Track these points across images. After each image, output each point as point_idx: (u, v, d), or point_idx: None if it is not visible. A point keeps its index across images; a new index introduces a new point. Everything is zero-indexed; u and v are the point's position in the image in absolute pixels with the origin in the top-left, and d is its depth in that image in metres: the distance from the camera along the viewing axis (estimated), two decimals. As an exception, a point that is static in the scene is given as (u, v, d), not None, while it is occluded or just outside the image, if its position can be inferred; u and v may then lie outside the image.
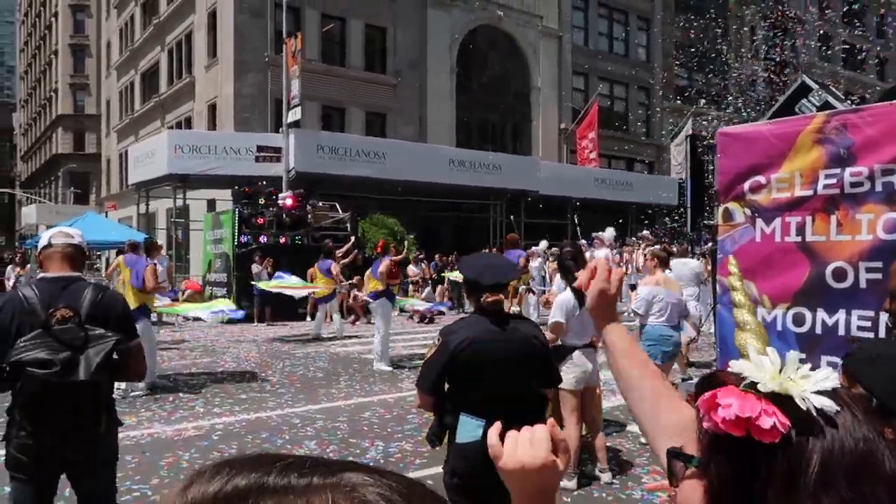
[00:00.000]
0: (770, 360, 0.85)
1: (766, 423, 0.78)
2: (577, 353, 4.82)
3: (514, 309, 11.56)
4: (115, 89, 38.76)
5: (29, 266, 15.62)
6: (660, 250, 6.72)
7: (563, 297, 4.89)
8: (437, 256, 19.64)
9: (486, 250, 16.60)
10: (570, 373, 4.73)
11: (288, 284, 12.69)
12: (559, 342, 4.79)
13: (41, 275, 2.86)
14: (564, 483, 4.72)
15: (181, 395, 7.76)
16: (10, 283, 14.32)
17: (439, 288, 18.13)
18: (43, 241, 2.90)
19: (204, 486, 0.48)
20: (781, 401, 0.80)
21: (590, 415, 4.99)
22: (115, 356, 2.72)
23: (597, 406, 5.15)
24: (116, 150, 37.48)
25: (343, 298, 14.72)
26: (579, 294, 4.63)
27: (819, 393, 0.81)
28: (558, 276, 8.48)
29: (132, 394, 7.50)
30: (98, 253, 24.53)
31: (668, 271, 6.62)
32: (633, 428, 5.94)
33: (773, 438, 0.78)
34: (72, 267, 2.86)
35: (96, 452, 2.77)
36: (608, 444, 5.41)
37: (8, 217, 70.07)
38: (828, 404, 0.79)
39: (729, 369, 0.88)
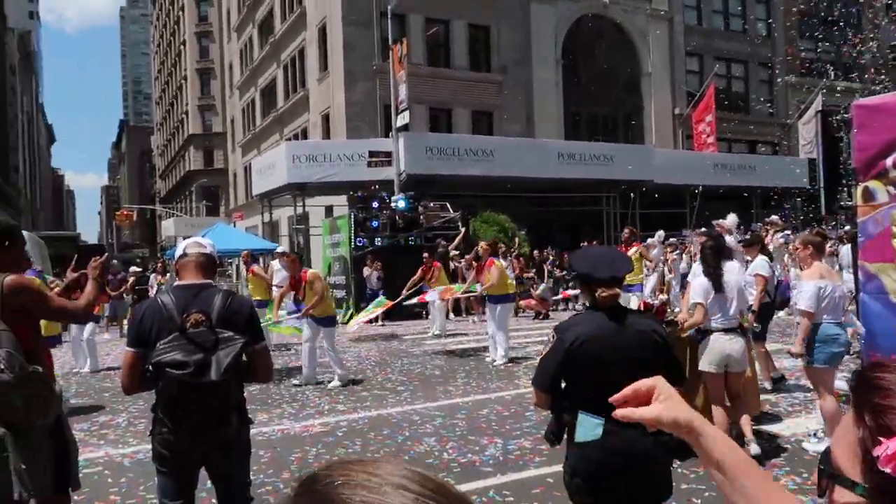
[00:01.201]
0: None
1: None
2: (713, 336, 5.01)
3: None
4: (237, 107, 41.33)
5: (168, 275, 16.93)
6: (813, 235, 5.87)
7: (699, 279, 5.15)
8: (536, 252, 19.23)
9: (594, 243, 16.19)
10: (709, 355, 5.00)
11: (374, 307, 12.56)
12: (701, 325, 5.03)
13: (177, 282, 3.07)
14: None
15: (307, 392, 8.13)
16: (153, 291, 15.60)
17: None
18: (178, 251, 3.12)
19: None
20: None
21: (735, 397, 5.16)
22: (243, 358, 2.87)
23: (745, 388, 5.30)
24: (241, 163, 39.94)
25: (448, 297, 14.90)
26: (715, 279, 5.05)
27: None
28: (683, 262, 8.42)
29: (330, 385, 8.35)
30: (229, 261, 26.20)
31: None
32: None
33: None
34: (204, 275, 3.04)
35: (229, 448, 2.94)
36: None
37: (150, 231, 76.57)
38: None
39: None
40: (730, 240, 12.36)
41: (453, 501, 0.53)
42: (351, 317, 16.11)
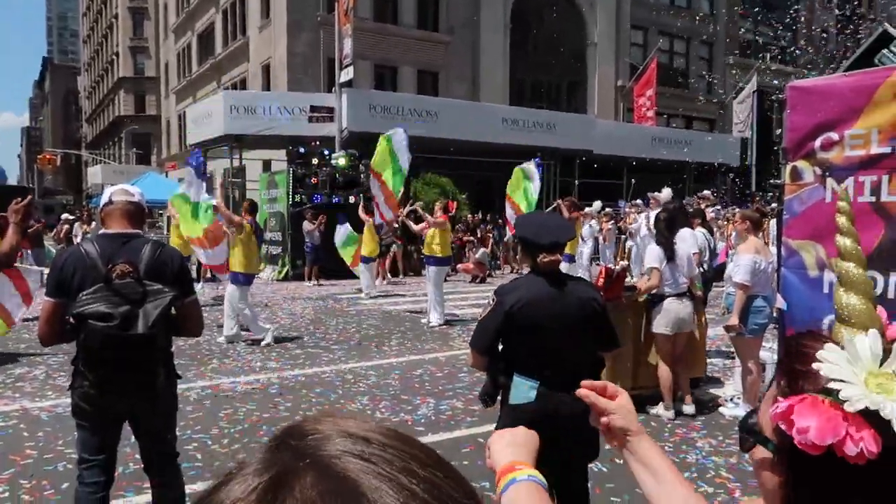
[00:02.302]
0: (869, 346, 0.71)
1: (850, 449, 0.67)
2: (667, 301, 5.38)
3: None
4: (172, 51, 39.45)
5: (94, 224, 16.22)
6: (752, 212, 6.02)
7: (654, 246, 5.50)
8: (468, 217, 19.32)
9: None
10: (663, 318, 5.39)
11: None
12: (654, 290, 5.41)
13: (102, 231, 2.92)
14: (662, 412, 5.49)
15: (239, 349, 7.99)
16: (77, 240, 14.93)
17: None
18: (104, 199, 2.96)
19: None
20: (876, 418, 0.67)
21: (682, 356, 5.58)
22: (172, 311, 2.77)
23: (691, 347, 5.76)
24: (175, 111, 38.32)
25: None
26: (668, 248, 5.42)
27: None
28: (641, 229, 8.86)
29: (262, 343, 8.08)
30: (160, 212, 25.30)
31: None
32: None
33: (861, 461, 0.67)
34: (131, 224, 2.90)
35: (155, 403, 2.85)
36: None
37: (75, 177, 72.96)
38: None
39: (818, 353, 0.74)
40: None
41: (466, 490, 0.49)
42: (286, 275, 15.88)
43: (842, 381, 0.70)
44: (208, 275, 12.29)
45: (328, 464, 0.44)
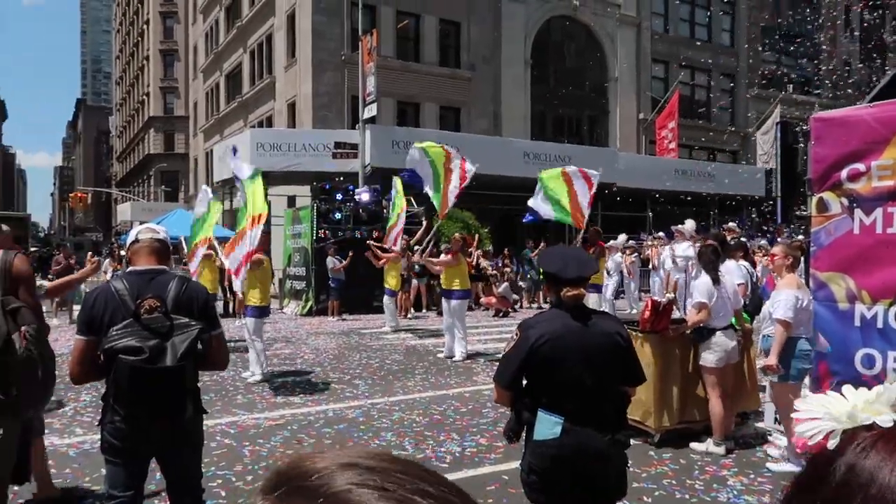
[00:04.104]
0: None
1: None
2: (718, 334, 5.30)
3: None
4: (201, 91, 40.48)
5: (123, 261, 16.49)
6: (794, 248, 5.49)
7: (703, 279, 5.38)
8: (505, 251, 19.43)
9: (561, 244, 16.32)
10: (713, 353, 5.30)
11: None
12: (702, 324, 5.34)
13: (130, 268, 2.98)
14: (713, 448, 5.37)
15: (263, 385, 8.00)
16: (107, 277, 15.18)
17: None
18: (130, 238, 3.03)
19: None
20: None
21: (730, 390, 5.49)
22: (199, 345, 2.81)
23: (739, 381, 5.74)
24: (203, 149, 39.15)
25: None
26: (716, 280, 5.34)
27: None
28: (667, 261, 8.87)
29: (249, 380, 8.10)
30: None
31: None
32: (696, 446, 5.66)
33: None
34: (158, 260, 2.97)
35: (183, 437, 2.87)
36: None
37: (105, 214, 74.55)
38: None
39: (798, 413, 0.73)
40: (685, 245, 12.61)
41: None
42: (310, 310, 15.96)
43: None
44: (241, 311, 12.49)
45: (345, 499, 0.43)
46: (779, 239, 9.70)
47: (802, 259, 6.43)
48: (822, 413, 0.71)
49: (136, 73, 62.55)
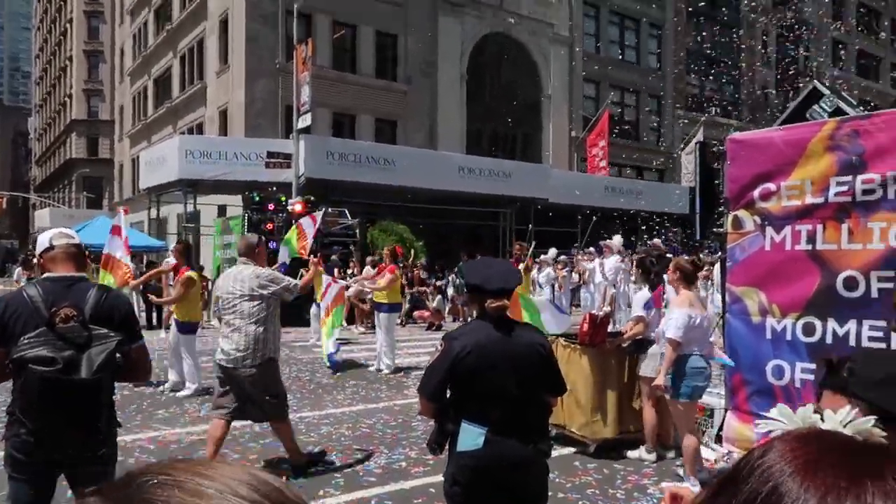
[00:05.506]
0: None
1: None
2: (655, 346, 5.37)
3: None
4: (128, 95, 39.10)
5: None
6: (686, 262, 5.27)
7: (642, 294, 5.63)
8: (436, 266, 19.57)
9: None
10: (650, 363, 5.41)
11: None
12: (641, 336, 5.54)
13: (46, 274, 2.85)
14: (644, 455, 5.54)
15: (190, 399, 7.76)
16: (20, 284, 14.41)
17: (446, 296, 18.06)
18: (43, 244, 2.88)
19: None
20: None
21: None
22: (118, 357, 2.71)
23: None
24: (129, 155, 37.77)
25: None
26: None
27: None
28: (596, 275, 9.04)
29: (179, 394, 7.92)
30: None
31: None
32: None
33: None
34: (76, 267, 2.85)
35: (95, 452, 2.75)
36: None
37: (22, 220, 70.71)
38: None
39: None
40: (615, 259, 12.98)
41: None
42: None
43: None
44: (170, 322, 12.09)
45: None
46: (683, 256, 10.09)
47: (719, 273, 6.69)
48: (783, 416, 0.79)
49: (58, 74, 59.88)
